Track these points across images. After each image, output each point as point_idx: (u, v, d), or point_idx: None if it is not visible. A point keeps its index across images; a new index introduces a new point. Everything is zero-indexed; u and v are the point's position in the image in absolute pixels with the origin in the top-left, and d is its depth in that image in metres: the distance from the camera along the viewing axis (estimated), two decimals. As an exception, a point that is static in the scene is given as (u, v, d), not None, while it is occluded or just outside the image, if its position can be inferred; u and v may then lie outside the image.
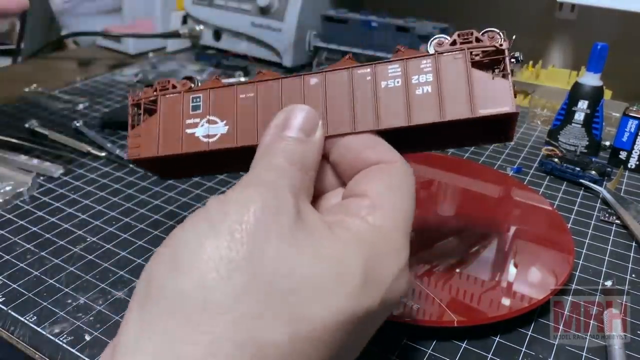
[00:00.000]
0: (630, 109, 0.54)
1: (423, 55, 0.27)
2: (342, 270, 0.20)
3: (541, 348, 0.32)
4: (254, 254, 0.19)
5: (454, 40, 0.27)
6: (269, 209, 0.20)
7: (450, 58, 0.27)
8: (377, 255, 0.22)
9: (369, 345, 0.30)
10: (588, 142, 0.56)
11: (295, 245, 0.20)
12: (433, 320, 0.31)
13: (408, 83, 0.27)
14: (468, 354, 0.31)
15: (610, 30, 0.76)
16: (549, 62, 0.78)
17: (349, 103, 0.28)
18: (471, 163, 0.53)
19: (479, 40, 0.27)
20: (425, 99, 0.27)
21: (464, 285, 0.34)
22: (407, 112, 0.27)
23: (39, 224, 0.41)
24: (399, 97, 0.27)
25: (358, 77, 0.28)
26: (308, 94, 0.28)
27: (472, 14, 0.85)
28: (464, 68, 0.27)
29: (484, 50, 0.27)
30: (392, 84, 0.28)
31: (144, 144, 0.31)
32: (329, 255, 0.20)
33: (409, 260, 0.24)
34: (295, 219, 0.20)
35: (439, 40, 0.28)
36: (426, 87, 0.27)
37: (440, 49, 0.27)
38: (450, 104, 0.27)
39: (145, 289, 0.19)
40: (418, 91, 0.27)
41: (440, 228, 0.40)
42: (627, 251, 0.42)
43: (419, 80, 0.27)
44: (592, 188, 0.50)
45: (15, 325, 0.32)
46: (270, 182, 0.22)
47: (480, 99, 0.27)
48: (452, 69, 0.27)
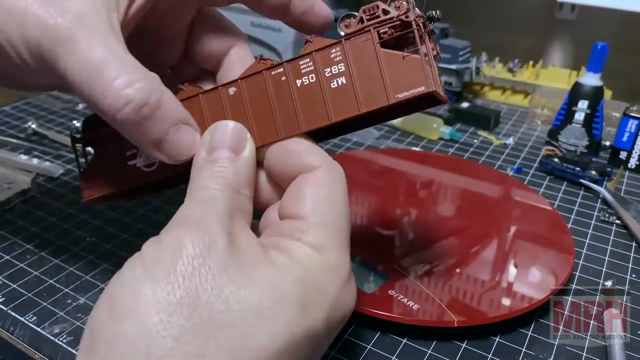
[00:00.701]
0: (631, 109, 0.54)
1: (331, 45, 0.26)
2: (278, 296, 0.20)
3: (541, 348, 0.32)
4: (191, 294, 0.19)
5: (360, 18, 0.25)
6: (199, 248, 0.20)
7: (358, 42, 0.25)
8: (314, 276, 0.22)
9: (369, 345, 0.30)
10: (588, 142, 0.56)
11: (229, 279, 0.20)
12: (433, 320, 0.31)
13: (321, 77, 0.26)
14: (468, 354, 0.31)
15: (610, 30, 0.76)
16: (549, 62, 0.78)
17: (270, 109, 0.27)
18: (471, 163, 0.53)
19: (387, 12, 0.25)
20: (341, 92, 0.26)
21: (464, 285, 0.34)
22: (327, 109, 0.26)
23: (39, 224, 0.41)
24: (316, 94, 0.26)
25: (273, 79, 0.27)
26: (231, 106, 0.27)
27: (472, 14, 0.85)
28: (373, 51, 0.25)
29: (391, 26, 0.25)
30: (307, 80, 0.26)
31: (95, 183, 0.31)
32: (263, 282, 0.20)
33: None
34: (226, 253, 0.21)
35: (346, 22, 0.26)
36: (340, 79, 0.26)
37: (348, 31, 0.25)
38: (365, 94, 0.25)
39: (90, 338, 0.20)
40: (333, 84, 0.26)
41: (440, 228, 0.40)
42: (627, 251, 0.42)
43: (331, 72, 0.26)
44: (592, 188, 0.50)
45: (15, 326, 0.32)
46: (198, 219, 0.22)
47: (394, 82, 0.25)
48: (361, 54, 0.25)
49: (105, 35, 0.24)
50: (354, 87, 0.25)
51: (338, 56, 0.26)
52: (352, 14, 0.26)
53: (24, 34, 0.23)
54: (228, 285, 0.20)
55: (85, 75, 0.23)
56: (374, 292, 0.33)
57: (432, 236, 0.39)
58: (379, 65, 0.25)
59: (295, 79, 0.26)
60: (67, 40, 0.23)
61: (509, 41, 0.82)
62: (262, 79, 0.27)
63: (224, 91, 0.27)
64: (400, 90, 0.25)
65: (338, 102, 0.26)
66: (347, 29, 0.25)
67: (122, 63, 0.24)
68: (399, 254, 0.37)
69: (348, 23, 0.26)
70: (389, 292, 0.33)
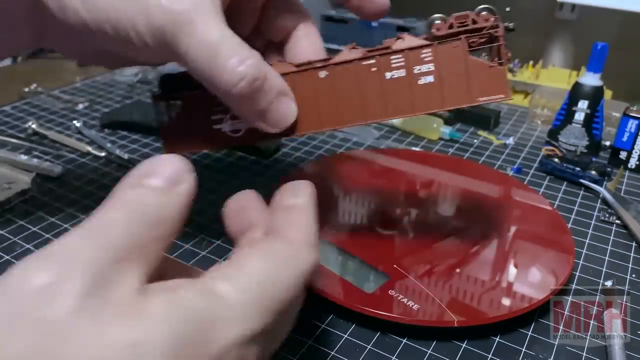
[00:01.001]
0: (631, 109, 0.54)
1: (423, 46, 0.29)
2: (139, 351, 0.16)
3: (541, 348, 0.32)
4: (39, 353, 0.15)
5: (450, 24, 0.29)
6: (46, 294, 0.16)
7: (449, 47, 0.29)
8: (199, 325, 0.18)
9: (369, 345, 0.30)
10: (588, 142, 0.56)
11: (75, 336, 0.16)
12: (433, 320, 0.31)
13: (411, 73, 0.29)
14: (468, 354, 0.31)
15: (610, 30, 0.76)
16: (549, 62, 0.78)
17: (358, 94, 0.30)
18: (471, 163, 0.53)
19: (475, 22, 0.29)
20: (427, 89, 0.29)
21: (464, 285, 0.34)
22: (412, 102, 0.29)
23: (39, 224, 0.41)
24: (403, 87, 0.29)
25: (364, 68, 0.30)
26: (320, 87, 0.30)
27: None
28: (462, 56, 0.29)
29: (480, 36, 0.29)
30: (397, 74, 0.29)
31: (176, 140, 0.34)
32: (121, 339, 0.16)
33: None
34: (79, 306, 0.16)
35: (437, 25, 0.29)
36: (428, 77, 0.29)
37: (438, 34, 0.29)
38: (450, 93, 0.29)
39: None
40: (420, 81, 0.29)
41: (440, 228, 0.40)
42: (627, 251, 0.42)
43: (420, 70, 0.29)
44: (592, 188, 0.50)
45: (15, 326, 0.32)
46: (65, 256, 0.17)
47: (478, 86, 0.29)
48: (451, 58, 0.29)
49: (216, 18, 0.27)
50: (440, 86, 0.29)
51: (429, 57, 0.29)
52: (442, 17, 0.29)
53: (150, 21, 0.27)
54: (74, 339, 0.16)
55: (205, 55, 0.27)
56: (374, 292, 0.33)
57: (432, 236, 0.39)
58: (466, 70, 0.29)
59: (384, 72, 0.29)
60: (188, 24, 0.26)
61: (508, 41, 0.82)
62: (353, 67, 0.30)
63: (315, 73, 0.30)
64: (482, 95, 0.29)
65: (423, 97, 0.29)
66: (438, 32, 0.29)
67: (233, 42, 0.27)
68: (399, 254, 0.37)
69: (439, 27, 0.29)
70: (389, 292, 0.33)
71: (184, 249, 0.39)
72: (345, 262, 0.36)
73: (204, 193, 0.46)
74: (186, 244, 0.40)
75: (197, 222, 0.42)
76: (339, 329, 0.33)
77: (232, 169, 0.51)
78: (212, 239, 0.40)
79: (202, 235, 0.41)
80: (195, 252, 0.39)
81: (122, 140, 0.56)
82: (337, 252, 0.37)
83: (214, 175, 0.49)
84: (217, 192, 0.46)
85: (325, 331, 0.32)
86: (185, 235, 0.41)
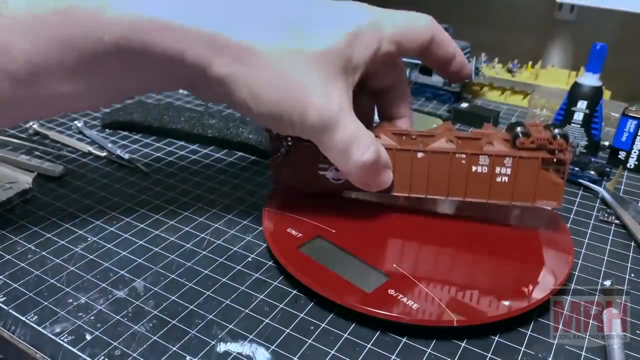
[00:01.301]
0: (630, 109, 0.54)
1: (507, 155, 0.37)
2: None
3: (541, 348, 0.32)
4: None
5: (532, 141, 0.36)
6: None
7: (527, 160, 0.36)
8: None
9: (368, 344, 0.30)
10: (587, 142, 0.56)
11: None
12: (432, 320, 0.31)
13: (492, 171, 0.37)
14: (467, 353, 0.31)
15: (610, 30, 0.76)
16: (548, 62, 0.78)
17: (445, 175, 0.38)
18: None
19: (551, 142, 0.36)
20: (501, 185, 0.37)
21: (463, 285, 0.34)
22: (489, 191, 0.38)
23: (40, 224, 0.42)
24: (484, 179, 0.37)
25: (455, 158, 0.37)
26: (416, 165, 0.38)
27: (472, 14, 0.85)
28: (535, 169, 0.36)
29: (552, 156, 0.36)
30: (481, 169, 0.37)
31: (283, 175, 0.41)
32: None
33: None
34: None
35: (520, 140, 0.36)
36: (504, 177, 0.37)
37: (521, 147, 0.36)
38: (518, 193, 0.37)
39: None
40: (498, 179, 0.37)
41: (440, 228, 0.40)
42: (626, 251, 0.42)
43: (500, 171, 0.37)
44: (591, 188, 0.50)
45: (16, 325, 0.32)
46: None
47: (541, 194, 0.37)
48: (526, 168, 0.37)
49: (352, 114, 0.33)
50: (512, 186, 0.37)
51: (509, 162, 0.37)
52: (525, 132, 0.36)
53: (303, 118, 0.32)
54: None
55: (339, 149, 0.33)
56: (374, 291, 0.33)
57: (431, 236, 0.39)
58: (535, 179, 0.37)
59: (472, 165, 0.37)
60: (334, 126, 0.32)
61: (508, 42, 0.82)
62: (447, 156, 0.37)
63: (415, 154, 0.38)
64: (541, 199, 0.37)
65: (496, 190, 0.37)
66: (521, 145, 0.36)
67: (360, 134, 0.33)
68: (399, 254, 0.37)
69: (522, 141, 0.36)
70: (388, 292, 0.33)
71: (184, 248, 0.39)
72: (345, 261, 0.36)
73: (204, 193, 0.47)
74: (187, 243, 0.40)
75: (198, 221, 0.42)
76: (339, 329, 0.33)
77: (232, 169, 0.51)
78: (212, 238, 0.41)
79: (203, 234, 0.41)
80: (196, 252, 0.39)
81: (123, 141, 0.56)
82: (337, 251, 0.37)
83: (214, 176, 0.49)
84: (218, 192, 0.47)
85: (325, 330, 0.32)
86: (186, 235, 0.41)
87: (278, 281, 0.36)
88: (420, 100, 0.72)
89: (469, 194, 0.38)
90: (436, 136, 0.38)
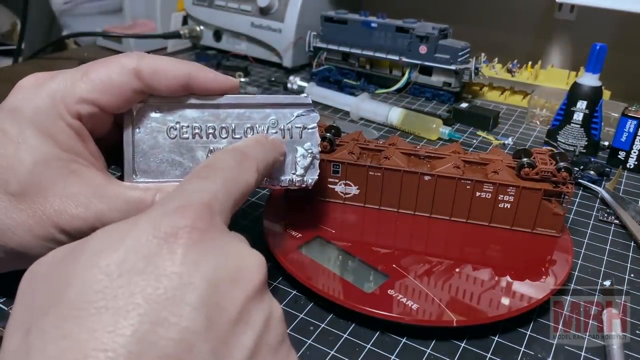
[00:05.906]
0: (629, 109, 0.54)
1: (511, 184, 0.38)
2: None
3: (540, 348, 0.32)
4: None
5: (535, 172, 0.38)
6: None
7: (530, 191, 0.38)
8: None
9: (368, 344, 0.30)
10: (587, 142, 0.56)
11: None
12: (432, 320, 0.31)
13: (495, 198, 0.39)
14: (467, 353, 0.31)
15: (609, 30, 0.76)
16: (548, 63, 0.78)
17: (450, 198, 0.39)
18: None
19: (555, 175, 0.37)
20: (503, 211, 0.39)
21: (463, 285, 0.34)
22: (490, 217, 0.39)
23: (40, 224, 0.41)
24: (486, 204, 0.39)
25: (460, 183, 0.39)
26: (421, 186, 0.40)
27: (471, 15, 0.85)
28: (537, 199, 0.38)
29: (554, 187, 0.38)
30: (484, 195, 0.39)
31: None
32: None
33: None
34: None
35: (525, 171, 0.38)
36: (507, 204, 0.39)
37: (525, 177, 0.38)
38: (519, 219, 0.39)
39: None
40: (501, 205, 0.39)
41: (440, 228, 0.40)
42: (626, 251, 0.42)
43: (503, 198, 0.39)
44: (591, 188, 0.50)
45: (16, 325, 0.32)
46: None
47: (541, 222, 0.39)
48: (528, 198, 0.38)
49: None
50: (514, 212, 0.39)
51: (512, 191, 0.38)
52: (530, 163, 0.38)
53: None
54: None
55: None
56: (374, 291, 0.33)
57: (431, 236, 0.39)
58: (536, 208, 0.38)
59: (476, 191, 0.39)
60: None
61: (508, 42, 0.82)
62: (453, 181, 0.39)
63: (422, 177, 0.39)
64: (541, 227, 0.39)
65: (498, 215, 0.39)
66: (526, 175, 0.38)
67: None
68: (399, 254, 0.37)
69: (527, 172, 0.38)
70: (388, 292, 0.33)
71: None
72: (345, 261, 0.36)
73: (204, 193, 0.46)
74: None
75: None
76: (339, 329, 0.33)
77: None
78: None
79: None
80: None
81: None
82: (337, 251, 0.37)
83: (214, 176, 0.49)
84: (217, 193, 0.46)
85: (325, 331, 0.32)
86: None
87: (278, 281, 0.36)
88: (420, 100, 0.72)
89: (472, 217, 0.40)
90: (444, 159, 0.39)
